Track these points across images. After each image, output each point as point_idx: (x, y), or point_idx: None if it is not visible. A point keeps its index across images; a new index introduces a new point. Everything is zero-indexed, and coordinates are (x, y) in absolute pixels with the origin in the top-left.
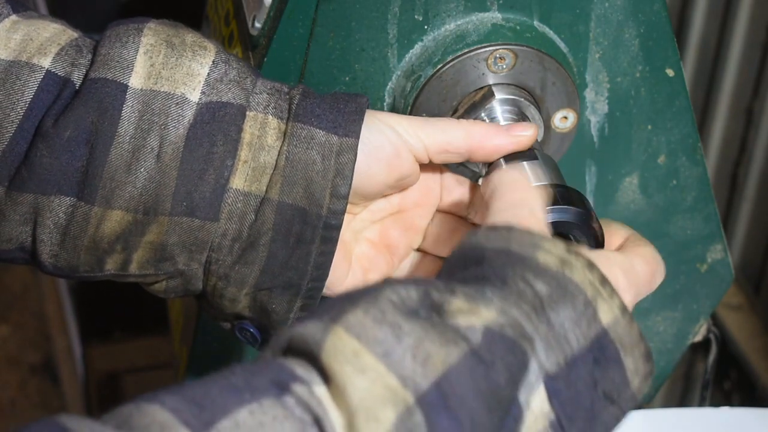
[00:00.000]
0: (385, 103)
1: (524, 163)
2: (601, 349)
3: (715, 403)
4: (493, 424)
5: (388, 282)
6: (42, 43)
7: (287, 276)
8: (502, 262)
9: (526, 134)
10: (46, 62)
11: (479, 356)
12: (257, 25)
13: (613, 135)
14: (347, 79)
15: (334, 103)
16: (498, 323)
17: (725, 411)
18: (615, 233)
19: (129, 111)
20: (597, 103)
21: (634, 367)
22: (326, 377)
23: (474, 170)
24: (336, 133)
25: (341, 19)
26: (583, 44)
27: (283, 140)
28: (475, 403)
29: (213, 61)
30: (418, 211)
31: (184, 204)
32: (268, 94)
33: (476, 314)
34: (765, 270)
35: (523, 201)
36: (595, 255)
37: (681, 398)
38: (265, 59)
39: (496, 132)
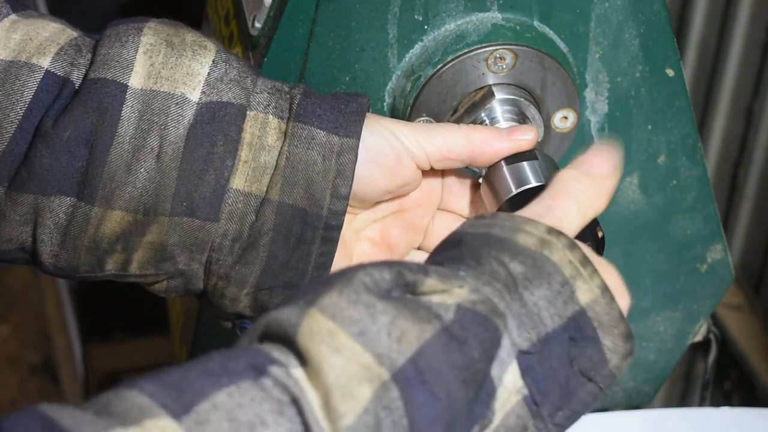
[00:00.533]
0: (385, 103)
1: (524, 163)
2: (577, 328)
3: (715, 403)
4: (468, 398)
5: (361, 265)
6: (41, 43)
7: (288, 276)
8: (479, 244)
9: (526, 138)
10: (45, 62)
11: (452, 332)
12: (257, 25)
13: (613, 135)
14: (347, 79)
15: (335, 103)
16: (470, 300)
17: (725, 411)
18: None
19: (129, 111)
20: (597, 103)
21: (612, 345)
22: (303, 359)
23: (474, 170)
24: (337, 133)
25: (341, 19)
26: (583, 44)
27: (284, 140)
28: (450, 377)
29: (213, 61)
30: (419, 211)
31: (185, 204)
32: (268, 93)
33: (449, 293)
34: (765, 270)
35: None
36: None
37: (681, 398)
38: (265, 59)
39: (496, 136)
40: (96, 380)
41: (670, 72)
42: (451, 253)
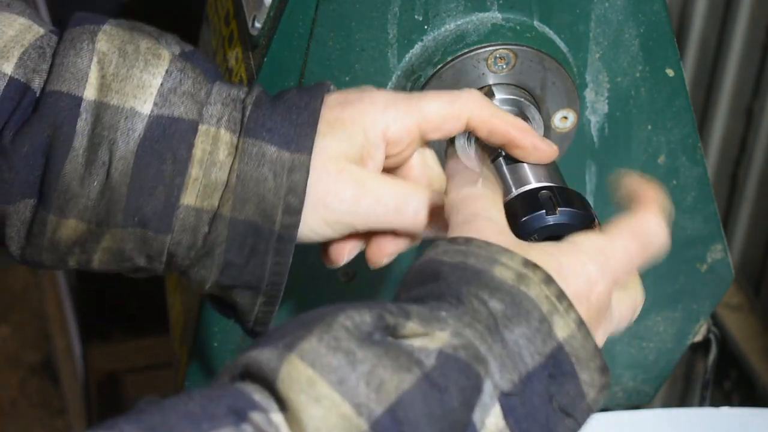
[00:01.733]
0: None
1: (524, 163)
2: (556, 365)
3: (715, 403)
4: None
5: (341, 307)
6: (5, 44)
7: (246, 279)
8: (458, 278)
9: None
10: (8, 68)
11: (432, 381)
12: (257, 25)
13: (613, 135)
14: (347, 79)
15: (286, 114)
16: (452, 345)
17: (725, 411)
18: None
19: (83, 124)
20: (597, 103)
21: (589, 379)
22: (283, 405)
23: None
24: (288, 148)
25: (341, 19)
26: (583, 44)
27: (235, 156)
28: (428, 428)
29: (167, 71)
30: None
31: (136, 218)
32: (222, 104)
33: (430, 336)
34: (765, 270)
35: (483, 210)
36: (558, 249)
37: (681, 398)
38: (265, 59)
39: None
40: (96, 380)
41: (670, 72)
42: (431, 288)
